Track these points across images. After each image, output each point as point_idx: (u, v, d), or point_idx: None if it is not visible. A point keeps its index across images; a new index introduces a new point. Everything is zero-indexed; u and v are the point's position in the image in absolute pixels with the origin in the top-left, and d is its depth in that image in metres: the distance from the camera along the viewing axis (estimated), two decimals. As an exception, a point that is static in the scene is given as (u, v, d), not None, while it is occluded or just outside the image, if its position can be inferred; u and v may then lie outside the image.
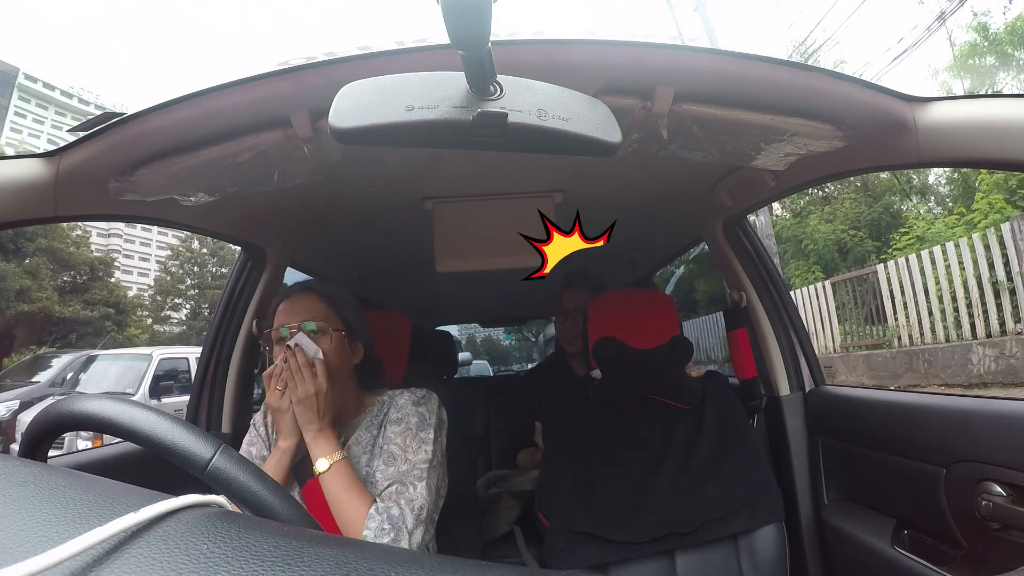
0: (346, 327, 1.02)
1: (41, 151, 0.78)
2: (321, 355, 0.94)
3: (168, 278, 25.33)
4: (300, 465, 0.96)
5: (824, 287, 7.95)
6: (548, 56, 0.70)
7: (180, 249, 25.55)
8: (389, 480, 0.92)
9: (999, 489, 0.84)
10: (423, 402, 1.02)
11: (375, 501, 0.88)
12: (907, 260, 6.53)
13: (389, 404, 1.04)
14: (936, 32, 9.88)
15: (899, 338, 6.73)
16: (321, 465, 0.89)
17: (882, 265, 7.05)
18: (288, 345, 0.93)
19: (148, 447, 0.46)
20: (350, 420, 1.03)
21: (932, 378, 6.04)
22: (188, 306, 25.19)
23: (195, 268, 25.35)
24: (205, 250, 25.05)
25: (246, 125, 0.79)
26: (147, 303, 25.28)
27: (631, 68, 0.74)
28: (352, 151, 0.86)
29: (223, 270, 25.22)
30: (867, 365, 7.02)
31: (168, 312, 25.04)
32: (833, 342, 7.82)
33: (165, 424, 0.47)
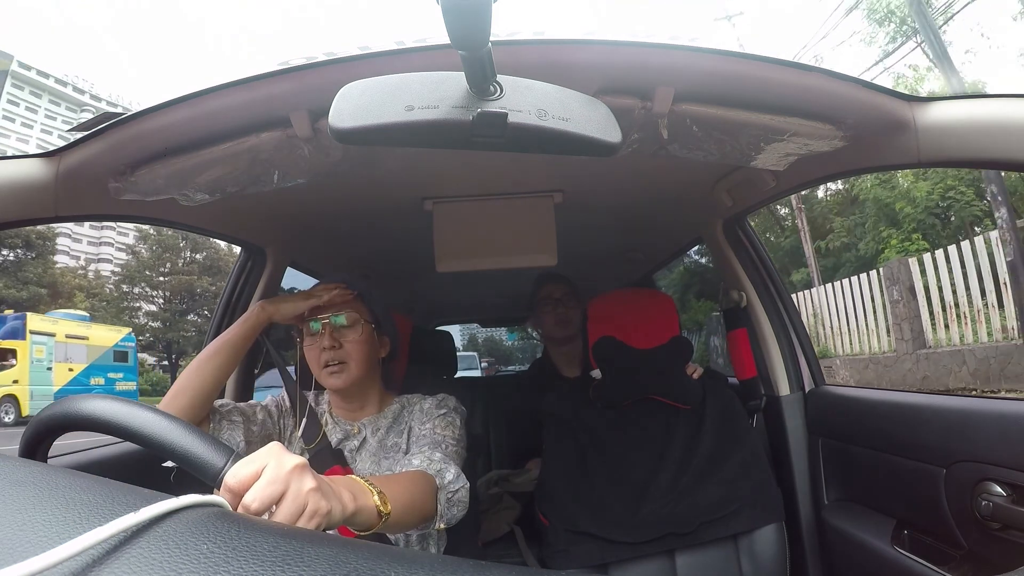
0: (375, 320, 1.06)
1: (37, 145, 0.78)
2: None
3: (135, 263, 23.48)
4: None
5: (988, 240, 5.28)
6: (548, 56, 0.70)
7: (149, 232, 23.80)
8: (422, 442, 0.94)
9: (999, 489, 0.84)
10: (444, 404, 1.05)
11: (420, 465, 0.83)
12: None
13: (411, 409, 1.06)
14: None
15: None
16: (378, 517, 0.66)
17: None
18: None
19: (161, 453, 0.46)
20: (372, 415, 1.05)
21: None
22: (158, 295, 23.23)
23: (166, 253, 23.62)
24: (179, 235, 23.31)
25: (246, 125, 0.79)
26: (111, 290, 23.27)
27: (631, 68, 0.74)
28: (352, 151, 0.86)
29: (197, 256, 23.93)
30: None
31: (139, 303, 23.16)
32: (1004, 322, 5.21)
33: (178, 431, 0.47)
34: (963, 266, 5.52)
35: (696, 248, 2.25)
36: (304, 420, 1.04)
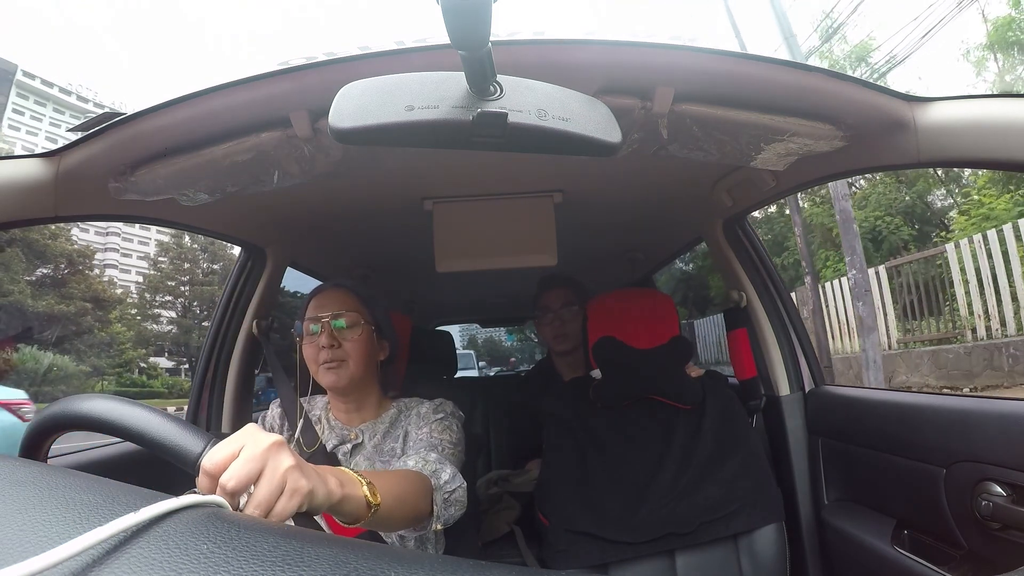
0: (375, 323, 1.05)
1: (40, 151, 0.78)
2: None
3: (158, 274, 25.13)
4: None
5: (877, 273, 6.86)
6: (548, 56, 0.70)
7: (170, 245, 25.46)
8: (418, 445, 0.94)
9: (999, 489, 0.84)
10: (441, 408, 1.05)
11: (415, 466, 0.82)
12: (984, 238, 5.45)
13: (408, 414, 1.05)
14: (967, 7, 9.15)
15: (974, 330, 5.70)
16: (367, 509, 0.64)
17: (951, 244, 5.94)
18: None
19: (141, 444, 0.46)
20: (369, 421, 1.05)
21: (1020, 376, 5.11)
22: (179, 303, 25.08)
23: (186, 264, 25.27)
24: (196, 246, 24.97)
25: (246, 125, 0.79)
26: (134, 299, 25.18)
27: (631, 68, 0.74)
28: (352, 151, 0.86)
29: (215, 266, 25.21)
30: (934, 363, 5.98)
31: (158, 310, 24.93)
32: (889, 336, 6.68)
33: (156, 421, 0.47)
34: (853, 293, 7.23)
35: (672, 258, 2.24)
36: (300, 424, 1.04)
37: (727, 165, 1.17)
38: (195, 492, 0.81)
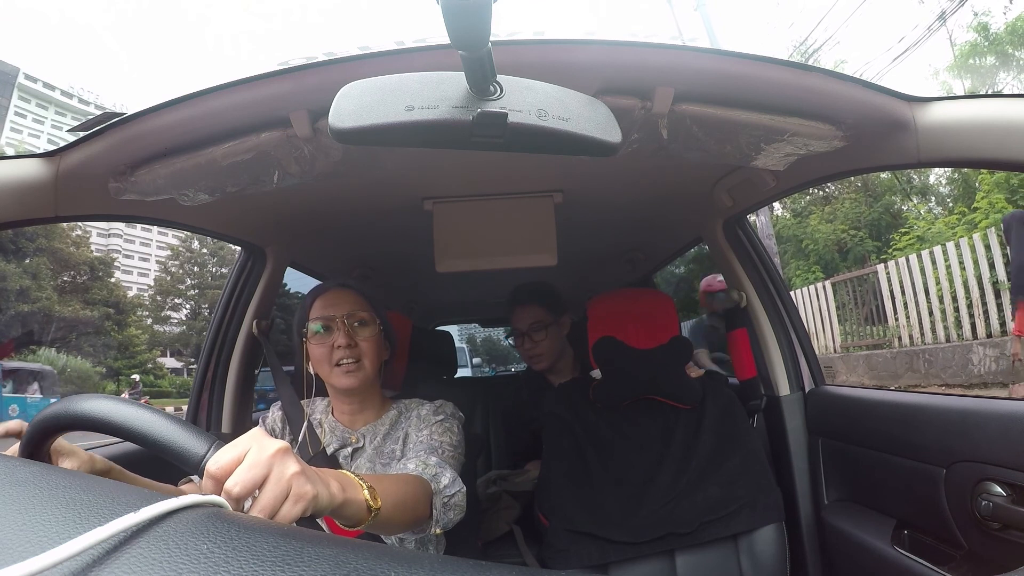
0: (382, 321, 1.05)
1: (41, 151, 0.78)
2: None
3: (168, 278, 25.61)
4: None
5: (824, 287, 8.01)
6: (548, 56, 0.70)
7: (180, 249, 25.85)
8: (419, 448, 0.93)
9: (999, 489, 0.84)
10: (441, 410, 1.04)
11: (415, 470, 0.82)
12: (907, 260, 6.52)
13: (408, 415, 1.05)
14: (936, 32, 9.83)
15: (899, 338, 6.73)
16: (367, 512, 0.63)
17: (882, 265, 7.05)
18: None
19: (144, 445, 0.46)
20: (370, 423, 1.04)
21: (932, 378, 6.02)
22: (188, 306, 25.62)
23: (195, 268, 25.68)
24: (205, 250, 25.36)
25: (246, 125, 0.79)
26: (147, 303, 25.78)
27: (631, 68, 0.74)
28: (352, 151, 0.86)
29: (223, 270, 25.62)
30: (867, 365, 7.00)
31: (168, 312, 25.43)
32: (833, 342, 7.86)
33: (160, 422, 0.47)
34: (807, 303, 8.29)
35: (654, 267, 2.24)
36: (304, 429, 1.04)
37: (727, 165, 1.17)
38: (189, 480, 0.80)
